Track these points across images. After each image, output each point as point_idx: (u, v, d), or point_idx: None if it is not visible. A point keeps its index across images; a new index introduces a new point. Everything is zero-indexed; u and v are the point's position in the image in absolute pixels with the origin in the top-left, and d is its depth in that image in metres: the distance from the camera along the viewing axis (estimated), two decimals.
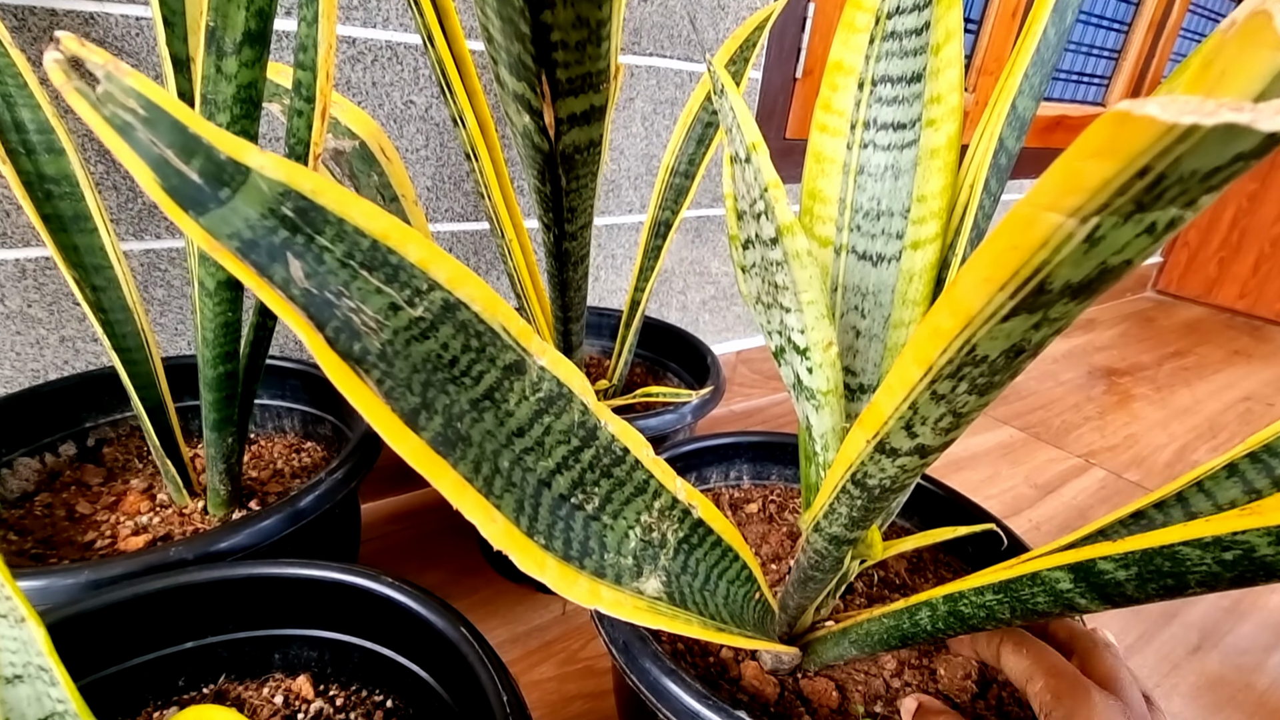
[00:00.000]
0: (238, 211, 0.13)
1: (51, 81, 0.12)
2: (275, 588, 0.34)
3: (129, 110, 0.12)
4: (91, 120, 0.12)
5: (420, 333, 0.16)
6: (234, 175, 0.13)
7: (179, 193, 0.13)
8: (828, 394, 0.30)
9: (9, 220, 0.47)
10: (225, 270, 0.38)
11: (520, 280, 0.48)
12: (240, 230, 0.13)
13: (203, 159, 0.13)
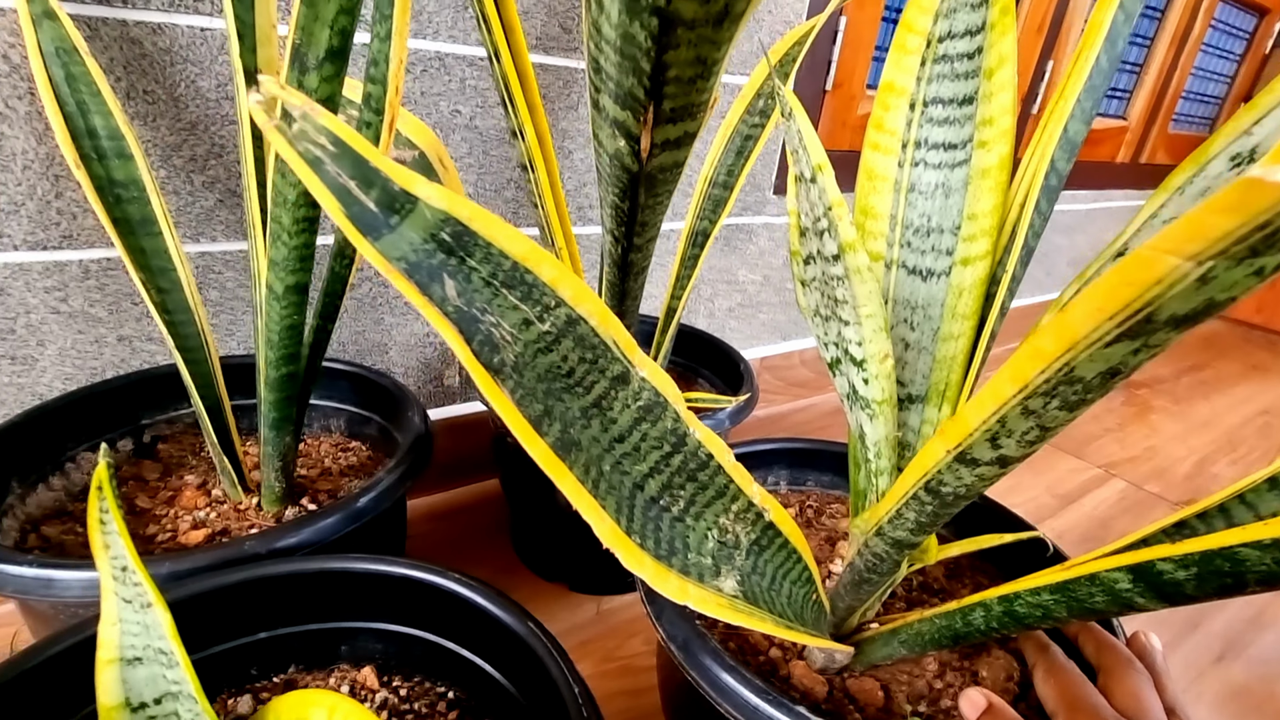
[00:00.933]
0: (404, 236, 0.15)
1: (255, 120, 0.14)
2: (344, 582, 0.35)
3: (319, 146, 0.14)
4: (287, 154, 0.14)
5: (546, 346, 0.17)
6: (404, 204, 0.14)
7: (359, 219, 0.14)
8: (882, 404, 0.32)
9: (75, 223, 0.49)
10: (294, 275, 0.40)
11: None
12: (406, 254, 0.15)
13: (379, 190, 0.14)
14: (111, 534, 0.21)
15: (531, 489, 0.59)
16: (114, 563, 0.22)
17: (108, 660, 0.23)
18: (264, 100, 0.14)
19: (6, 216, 0.46)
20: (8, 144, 0.45)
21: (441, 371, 0.70)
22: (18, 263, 0.48)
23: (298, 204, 0.37)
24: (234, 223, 0.54)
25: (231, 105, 0.51)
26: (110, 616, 0.23)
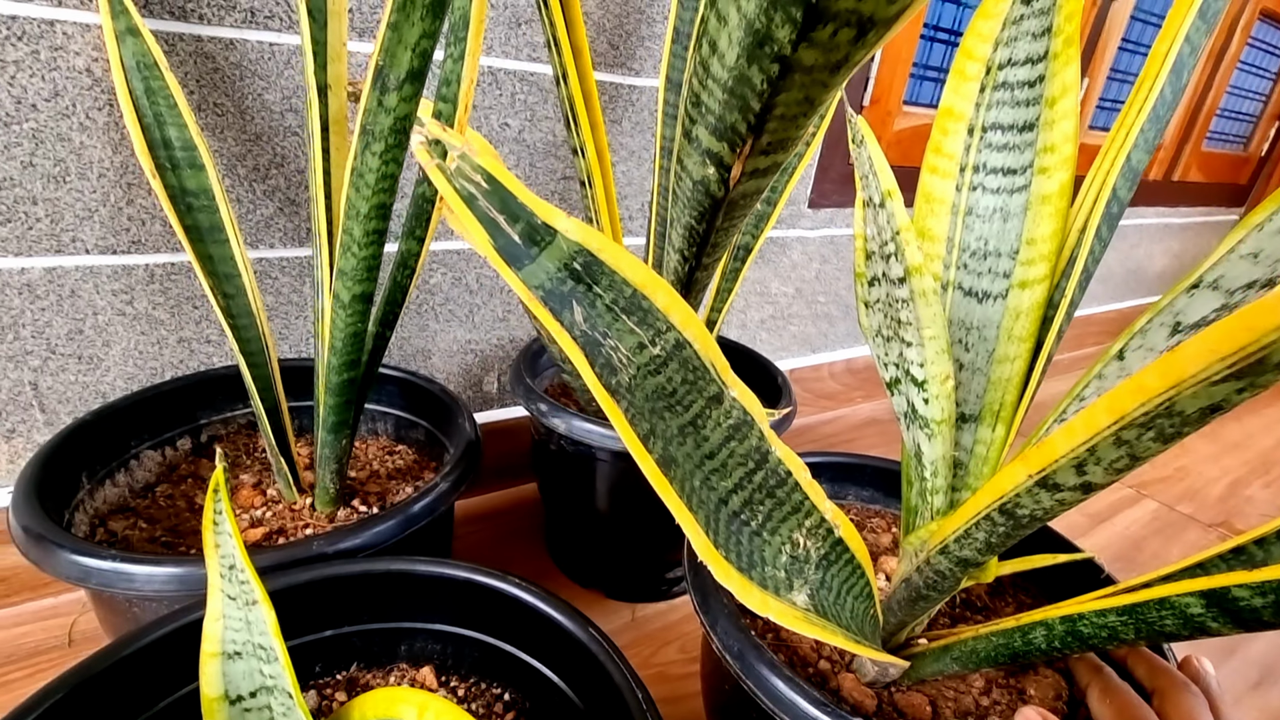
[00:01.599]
0: (542, 266, 0.16)
1: (416, 157, 0.15)
2: (406, 583, 0.36)
3: (474, 183, 0.15)
4: (444, 190, 0.15)
5: (655, 368, 0.18)
6: (544, 236, 0.16)
7: (505, 250, 0.15)
8: (941, 423, 0.32)
9: (143, 229, 0.50)
10: (361, 285, 0.41)
11: None
12: (544, 282, 0.16)
13: (524, 223, 0.15)
14: (223, 534, 0.22)
15: (570, 495, 0.60)
16: (223, 561, 0.23)
17: (211, 654, 0.24)
18: (426, 140, 0.15)
19: (81, 222, 0.48)
20: (86, 153, 0.47)
21: (481, 377, 0.71)
22: (89, 265, 0.49)
23: (369, 217, 0.39)
24: (291, 230, 0.56)
25: (295, 117, 0.53)
26: (215, 612, 0.24)
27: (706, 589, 0.36)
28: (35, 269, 0.48)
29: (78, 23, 0.44)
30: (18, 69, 0.43)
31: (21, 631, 0.53)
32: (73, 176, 0.47)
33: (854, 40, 0.16)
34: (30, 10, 0.42)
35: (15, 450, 0.52)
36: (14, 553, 0.54)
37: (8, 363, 0.49)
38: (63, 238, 0.48)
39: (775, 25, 0.16)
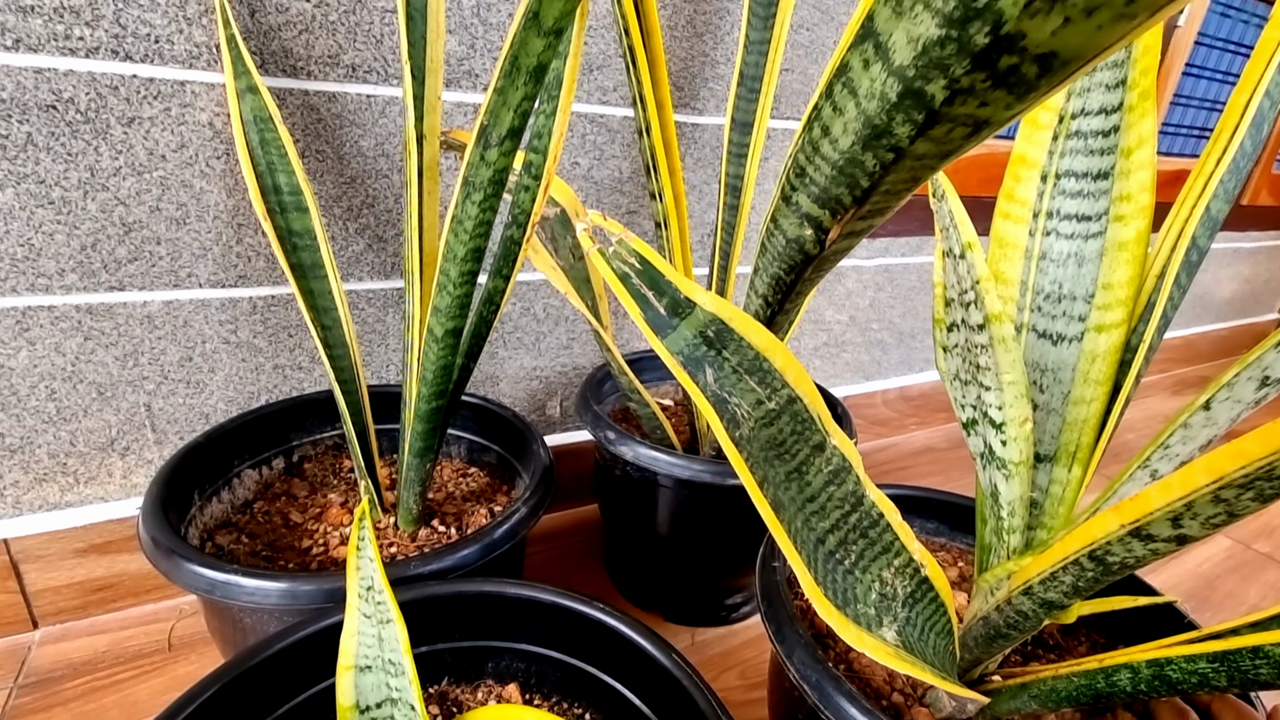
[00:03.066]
0: (681, 334, 0.18)
1: (581, 244, 0.17)
2: (496, 604, 0.38)
3: (628, 264, 0.17)
4: (604, 269, 0.17)
5: (769, 420, 0.20)
6: (685, 308, 0.18)
7: (652, 321, 0.17)
8: (1019, 465, 0.33)
9: (249, 265, 0.55)
10: (454, 321, 0.44)
11: None
12: (682, 348, 0.18)
13: (669, 298, 0.17)
14: (364, 558, 0.25)
15: (633, 519, 0.61)
16: (362, 582, 0.25)
17: (346, 667, 0.26)
18: (588, 228, 0.17)
19: (196, 259, 0.53)
20: (205, 198, 0.51)
21: (545, 403, 0.74)
22: (201, 299, 0.54)
23: (465, 260, 0.42)
24: (378, 265, 0.60)
25: (385, 162, 0.57)
26: (351, 629, 0.26)
27: (781, 620, 0.38)
28: (155, 302, 0.52)
29: (204, 82, 0.48)
30: (152, 124, 0.48)
31: (126, 635, 0.57)
32: (192, 219, 0.51)
33: (967, 136, 0.18)
34: (166, 73, 0.47)
35: (129, 467, 0.56)
36: (121, 561, 0.58)
37: (127, 387, 0.54)
38: (180, 273, 0.53)
39: (896, 123, 0.18)
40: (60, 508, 0.55)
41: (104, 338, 0.52)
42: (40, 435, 0.52)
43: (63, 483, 0.54)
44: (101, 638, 0.57)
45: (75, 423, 0.53)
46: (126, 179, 0.49)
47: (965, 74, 0.15)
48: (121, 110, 0.47)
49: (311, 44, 0.51)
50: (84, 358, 0.51)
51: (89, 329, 0.51)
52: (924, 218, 0.90)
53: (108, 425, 0.54)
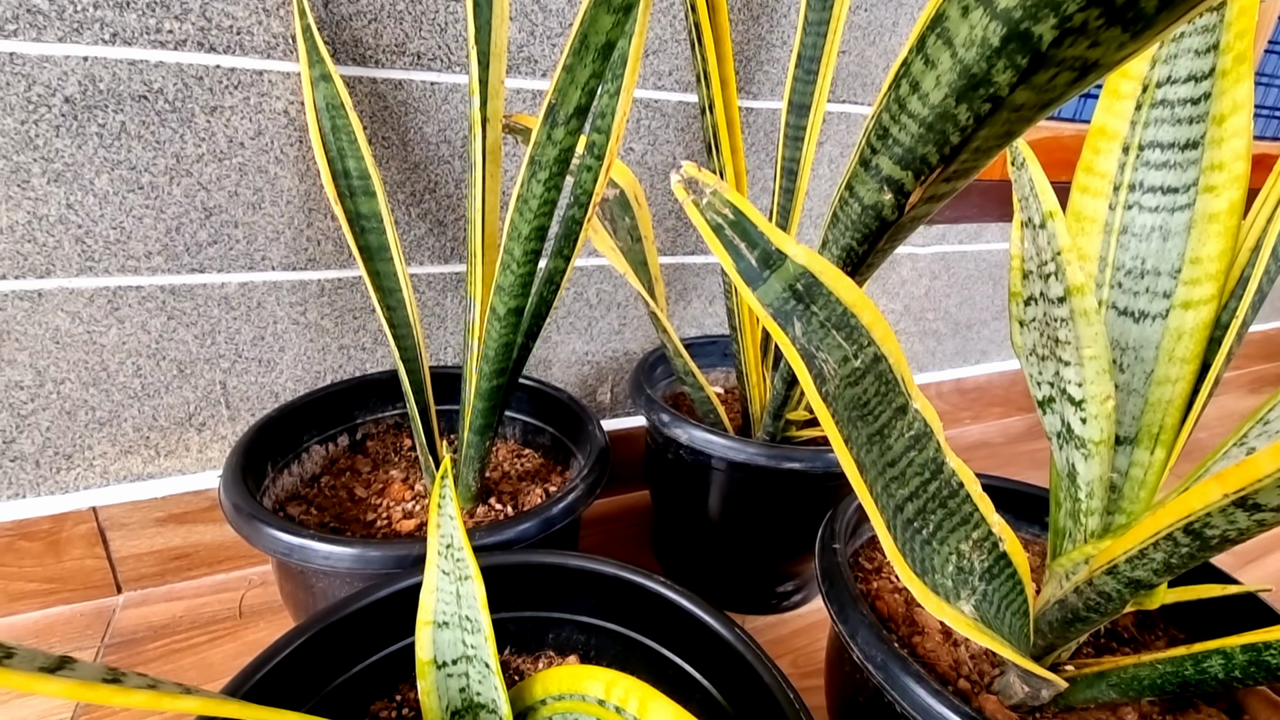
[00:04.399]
0: (772, 287, 0.18)
1: (675, 194, 0.17)
2: (558, 576, 0.39)
3: (722, 215, 0.17)
4: (696, 220, 0.17)
5: (854, 380, 0.20)
6: (776, 260, 0.18)
7: (744, 272, 0.17)
8: (1100, 444, 0.32)
9: (318, 249, 0.57)
10: (516, 300, 0.45)
11: (739, 312, 0.52)
12: (773, 300, 0.18)
13: (760, 249, 0.17)
14: (445, 515, 0.26)
15: (684, 504, 0.62)
16: (442, 540, 0.26)
17: (425, 622, 0.27)
18: (683, 179, 0.17)
19: (270, 243, 0.55)
20: (279, 183, 0.53)
21: (595, 388, 0.75)
22: (273, 281, 0.56)
23: (529, 238, 0.42)
24: (438, 249, 0.61)
25: (447, 148, 0.58)
26: (430, 586, 0.27)
27: (844, 600, 0.37)
28: (232, 283, 0.55)
29: (280, 71, 0.50)
30: (232, 113, 0.50)
31: (200, 602, 0.60)
32: (267, 203, 0.54)
33: (1071, 82, 0.17)
34: (246, 63, 0.49)
35: (205, 441, 0.59)
36: (197, 531, 0.61)
37: (205, 365, 0.56)
38: (255, 256, 0.55)
39: (996, 71, 0.17)
40: (142, 479, 0.58)
41: (185, 317, 0.54)
42: (126, 409, 0.55)
43: (145, 455, 0.58)
44: (178, 604, 0.60)
45: (158, 398, 0.56)
46: (208, 165, 0.51)
47: (1079, 10, 0.15)
48: (205, 100, 0.49)
49: (380, 33, 0.52)
50: (167, 336, 0.54)
51: (172, 309, 0.54)
52: (982, 204, 0.87)
53: (186, 401, 0.57)
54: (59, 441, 0.54)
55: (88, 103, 0.46)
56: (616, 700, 0.25)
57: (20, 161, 0.46)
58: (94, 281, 0.51)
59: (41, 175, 0.47)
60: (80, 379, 0.53)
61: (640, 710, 0.24)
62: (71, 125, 0.47)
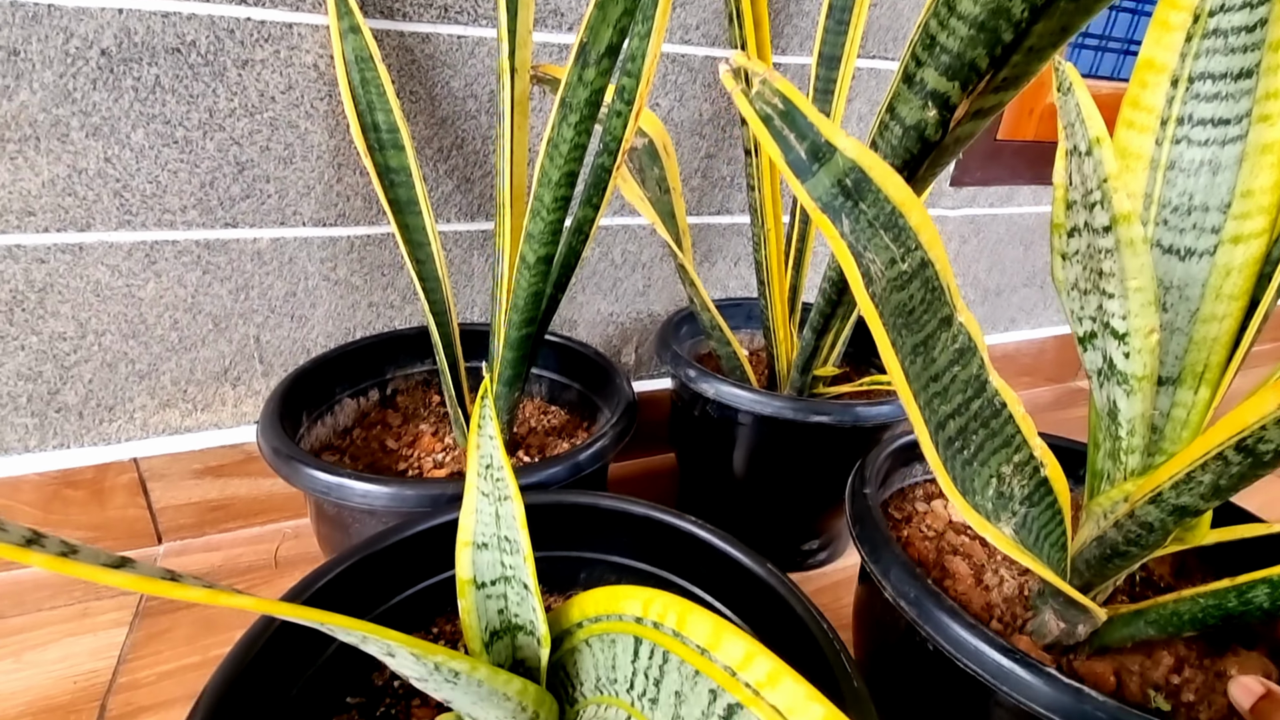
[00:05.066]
0: (821, 181, 0.18)
1: (724, 83, 0.17)
2: (590, 516, 0.40)
3: (772, 105, 0.17)
4: (746, 111, 0.17)
5: (900, 284, 0.20)
6: (826, 153, 0.17)
7: (794, 164, 0.17)
8: (1142, 379, 0.31)
9: (347, 204, 0.57)
10: (546, 248, 0.45)
11: (768, 266, 0.52)
12: (821, 195, 0.18)
13: (810, 141, 0.17)
14: (484, 436, 0.26)
15: (709, 463, 0.62)
16: (481, 460, 0.27)
17: (464, 543, 0.28)
18: (732, 68, 0.17)
19: (300, 198, 0.56)
20: (309, 138, 0.54)
21: (620, 349, 0.75)
22: (304, 237, 0.57)
23: (559, 184, 0.42)
24: (465, 206, 0.62)
25: (474, 102, 0.58)
26: (469, 507, 0.28)
27: (876, 540, 0.37)
28: (264, 239, 0.56)
29: (310, 24, 0.51)
30: (263, 66, 0.50)
31: (237, 552, 0.62)
32: (297, 158, 0.54)
33: None
34: (276, 15, 0.49)
35: (239, 396, 0.61)
36: (233, 485, 0.63)
37: (239, 319, 0.57)
38: (286, 212, 0.55)
39: None
40: (180, 432, 0.60)
41: (219, 272, 0.55)
42: (164, 363, 0.57)
43: (183, 408, 0.59)
44: (216, 554, 0.61)
45: (194, 352, 0.57)
46: (240, 120, 0.51)
47: None
48: (237, 53, 0.50)
49: None
50: (202, 290, 0.55)
51: (207, 263, 0.55)
52: (1014, 165, 0.85)
53: (222, 355, 0.58)
54: (101, 393, 0.56)
55: (123, 55, 0.47)
56: (654, 616, 0.25)
57: (59, 115, 0.47)
58: (132, 235, 0.52)
59: (80, 129, 0.48)
60: (120, 331, 0.54)
61: (679, 624, 0.24)
62: (108, 78, 0.47)
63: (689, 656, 0.23)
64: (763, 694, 0.20)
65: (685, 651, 0.24)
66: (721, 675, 0.22)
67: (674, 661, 0.24)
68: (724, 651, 0.22)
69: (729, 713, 0.21)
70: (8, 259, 0.49)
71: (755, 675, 0.21)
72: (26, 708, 0.46)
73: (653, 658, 0.25)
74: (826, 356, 0.60)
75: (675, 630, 0.24)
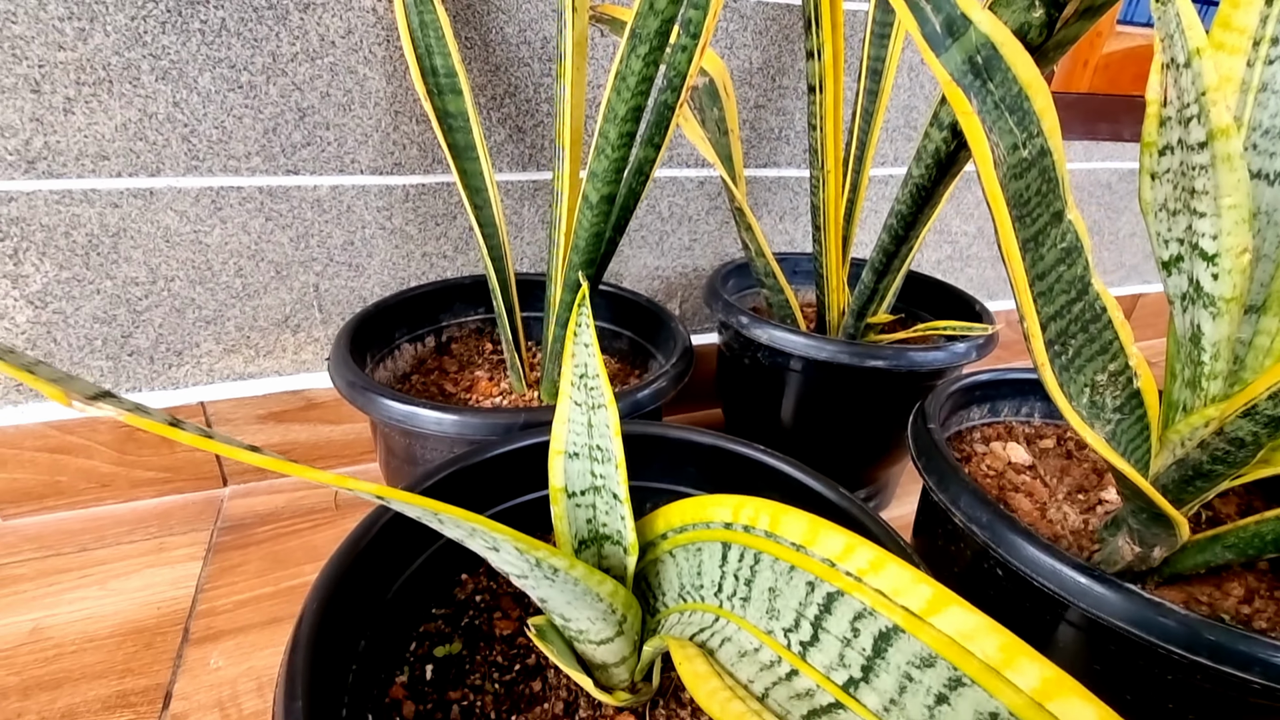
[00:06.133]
0: (953, 56, 0.18)
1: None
2: (658, 446, 0.40)
3: None
4: None
5: (1019, 172, 0.20)
6: (960, 27, 0.17)
7: (929, 37, 0.17)
8: (1230, 301, 0.31)
9: (404, 153, 0.58)
10: (609, 186, 0.45)
11: (825, 210, 0.51)
12: (953, 71, 0.18)
13: (945, 14, 0.17)
14: (580, 344, 0.27)
15: (760, 412, 0.62)
16: (575, 370, 0.27)
17: (556, 452, 0.29)
18: None
19: (359, 145, 0.56)
20: (368, 84, 0.54)
21: (665, 304, 0.75)
22: (362, 185, 0.58)
23: (625, 119, 0.42)
24: (516, 155, 0.62)
25: (527, 49, 0.58)
26: (562, 416, 0.28)
27: (943, 470, 0.38)
28: (324, 186, 0.57)
29: None
30: (323, 10, 0.51)
31: (299, 495, 0.64)
32: (356, 105, 0.55)
33: None
34: None
35: (299, 343, 0.62)
36: (294, 430, 0.65)
37: (299, 267, 0.59)
38: (345, 159, 0.56)
39: None
40: (244, 378, 0.62)
41: (281, 219, 0.56)
42: (229, 309, 0.58)
43: (246, 354, 0.61)
44: (279, 496, 0.64)
45: (257, 299, 0.59)
46: (302, 65, 0.52)
47: None
48: None
49: None
50: (265, 237, 0.57)
51: (269, 210, 0.56)
52: (1067, 120, 0.83)
53: (283, 303, 0.60)
54: (170, 338, 0.58)
55: None
56: (745, 520, 0.26)
57: (131, 58, 0.48)
58: (199, 181, 0.53)
59: (150, 73, 0.49)
60: (188, 277, 0.56)
61: (772, 525, 0.25)
62: (176, 21, 0.48)
63: (783, 554, 0.24)
64: (865, 580, 0.21)
65: (779, 550, 0.24)
66: (819, 567, 0.22)
67: (766, 561, 0.25)
68: (821, 545, 0.23)
69: (829, 601, 0.22)
70: (84, 203, 0.51)
71: (856, 564, 0.21)
72: (117, 628, 0.48)
73: (742, 560, 0.26)
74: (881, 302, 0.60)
75: (768, 531, 0.25)
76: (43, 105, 0.47)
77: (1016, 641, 0.15)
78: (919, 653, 0.16)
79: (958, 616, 0.16)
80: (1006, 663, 0.15)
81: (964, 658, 0.15)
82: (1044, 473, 0.45)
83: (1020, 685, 0.14)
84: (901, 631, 0.17)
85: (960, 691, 0.15)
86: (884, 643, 0.17)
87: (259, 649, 0.48)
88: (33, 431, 0.55)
